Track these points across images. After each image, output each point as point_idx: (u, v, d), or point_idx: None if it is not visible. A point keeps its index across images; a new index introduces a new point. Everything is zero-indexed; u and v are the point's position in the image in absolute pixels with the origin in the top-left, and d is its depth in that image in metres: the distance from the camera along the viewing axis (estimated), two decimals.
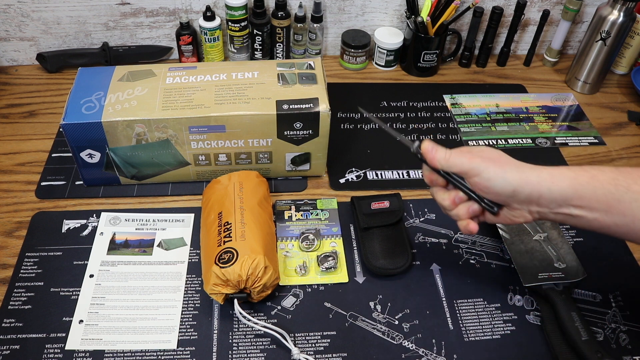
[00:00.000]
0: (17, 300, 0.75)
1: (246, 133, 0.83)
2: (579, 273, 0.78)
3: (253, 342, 0.72)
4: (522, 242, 0.82)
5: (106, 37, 1.12)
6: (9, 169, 0.92)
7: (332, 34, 1.19)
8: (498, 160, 0.62)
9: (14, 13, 1.05)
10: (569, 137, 1.06)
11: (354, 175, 0.95)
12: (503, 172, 0.60)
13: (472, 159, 0.62)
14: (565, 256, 0.80)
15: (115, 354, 0.70)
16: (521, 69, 1.23)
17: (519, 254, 0.80)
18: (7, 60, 1.13)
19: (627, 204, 0.57)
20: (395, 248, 0.81)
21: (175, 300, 0.76)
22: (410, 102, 1.11)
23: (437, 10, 1.11)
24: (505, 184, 0.60)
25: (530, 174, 0.60)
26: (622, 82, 1.21)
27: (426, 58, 1.15)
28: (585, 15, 1.21)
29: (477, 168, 0.61)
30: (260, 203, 0.80)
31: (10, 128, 1.00)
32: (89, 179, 0.88)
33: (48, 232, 0.83)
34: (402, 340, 0.73)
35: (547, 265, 0.79)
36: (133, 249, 0.81)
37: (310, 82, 0.85)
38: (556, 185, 0.59)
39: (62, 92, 1.08)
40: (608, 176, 0.58)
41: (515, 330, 0.75)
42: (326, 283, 0.79)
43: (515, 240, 0.83)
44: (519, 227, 0.84)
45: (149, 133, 0.81)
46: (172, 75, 0.86)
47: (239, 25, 1.09)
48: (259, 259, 0.71)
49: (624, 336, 0.75)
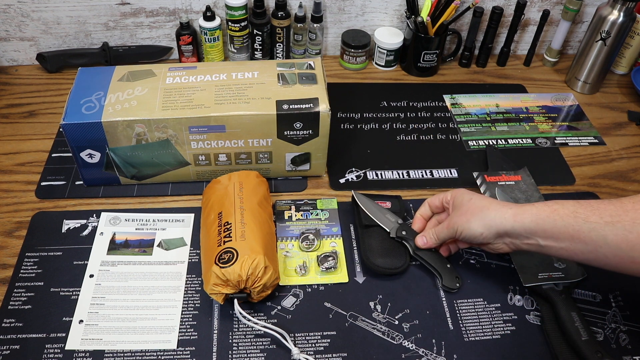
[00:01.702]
0: (17, 300, 0.75)
1: (246, 133, 0.83)
2: (578, 273, 0.78)
3: (253, 342, 0.72)
4: None
5: (106, 37, 1.12)
6: (9, 169, 0.92)
7: (332, 34, 1.19)
8: (465, 214, 0.72)
9: (14, 13, 1.05)
10: (569, 137, 1.06)
11: (354, 175, 0.95)
12: (468, 223, 0.71)
13: (448, 227, 0.75)
14: None
15: (115, 354, 0.70)
16: (521, 69, 1.23)
17: (518, 254, 0.80)
18: (7, 60, 1.13)
19: (586, 233, 0.63)
20: (395, 248, 0.81)
21: (175, 300, 0.76)
22: (410, 102, 1.11)
23: (437, 10, 1.11)
24: (472, 232, 0.71)
25: (495, 216, 0.69)
26: (622, 82, 1.21)
27: (426, 58, 1.15)
28: (585, 15, 1.21)
29: (454, 229, 0.73)
30: (260, 203, 0.80)
31: (10, 128, 1.00)
32: (89, 179, 0.88)
33: (48, 232, 0.83)
34: (402, 340, 0.73)
35: (546, 265, 0.79)
36: (133, 249, 0.81)
37: (310, 82, 0.85)
38: (518, 223, 0.67)
39: (62, 92, 1.08)
40: (568, 209, 0.65)
41: (515, 330, 0.75)
42: (326, 283, 0.79)
43: None
44: None
45: (149, 133, 0.81)
46: (172, 75, 0.86)
47: (239, 25, 1.09)
48: (259, 259, 0.71)
49: (624, 336, 0.75)
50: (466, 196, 0.74)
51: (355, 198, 0.86)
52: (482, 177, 0.91)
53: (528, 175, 0.92)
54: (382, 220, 0.83)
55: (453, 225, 0.73)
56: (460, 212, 0.73)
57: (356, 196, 0.86)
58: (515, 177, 0.91)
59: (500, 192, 0.87)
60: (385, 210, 0.85)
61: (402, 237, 0.81)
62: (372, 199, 0.86)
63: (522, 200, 0.88)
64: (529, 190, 0.89)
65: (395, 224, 0.82)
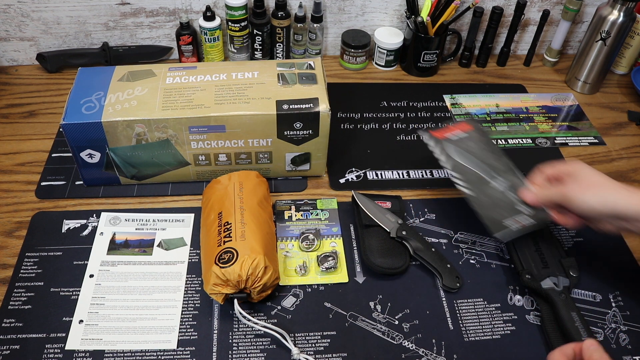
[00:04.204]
0: (17, 300, 0.75)
1: (246, 133, 0.83)
2: (546, 217, 0.77)
3: (253, 342, 0.72)
4: (483, 194, 0.80)
5: (106, 37, 1.12)
6: (9, 169, 0.92)
7: (332, 34, 1.19)
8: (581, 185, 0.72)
9: (14, 13, 1.05)
10: (569, 137, 1.06)
11: (354, 175, 0.95)
12: (583, 195, 0.71)
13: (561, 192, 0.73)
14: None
15: (115, 354, 0.70)
16: (521, 69, 1.23)
17: (483, 207, 0.79)
18: (7, 60, 1.13)
19: None
20: (395, 248, 0.81)
21: (175, 300, 0.76)
22: (410, 102, 1.11)
23: (437, 10, 1.11)
24: (585, 205, 0.71)
25: (612, 195, 0.69)
26: (622, 82, 1.21)
27: (426, 58, 1.15)
28: (585, 15, 1.21)
29: (566, 196, 0.72)
30: (260, 203, 0.80)
31: (10, 128, 1.00)
32: (89, 179, 0.88)
33: (48, 232, 0.83)
34: (402, 340, 0.73)
35: (510, 209, 0.78)
36: (133, 249, 0.81)
37: (310, 82, 0.85)
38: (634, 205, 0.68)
39: (62, 92, 1.08)
40: None
41: (515, 330, 0.75)
42: (326, 283, 0.79)
43: (479, 195, 0.80)
44: (478, 178, 0.82)
45: (149, 133, 0.81)
46: (172, 75, 0.86)
47: (239, 25, 1.09)
48: (259, 259, 0.71)
49: (624, 336, 0.75)
50: (586, 169, 0.74)
51: (355, 198, 0.86)
52: (428, 133, 0.87)
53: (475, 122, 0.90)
54: (382, 220, 0.83)
55: (566, 192, 0.73)
56: (576, 183, 0.73)
57: (356, 196, 0.86)
58: (465, 127, 0.88)
59: (453, 147, 0.85)
60: (385, 210, 0.85)
61: (402, 237, 0.81)
62: (372, 199, 0.86)
63: (476, 150, 0.85)
64: (482, 139, 0.87)
65: (395, 224, 0.82)
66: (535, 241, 0.81)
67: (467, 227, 0.87)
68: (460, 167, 0.83)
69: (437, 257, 0.80)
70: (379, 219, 0.83)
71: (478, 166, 0.83)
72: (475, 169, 0.83)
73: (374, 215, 0.83)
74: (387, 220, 0.83)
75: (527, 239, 0.81)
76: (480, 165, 0.83)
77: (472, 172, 0.83)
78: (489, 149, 0.85)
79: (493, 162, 0.84)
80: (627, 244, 0.86)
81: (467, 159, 0.84)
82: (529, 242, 0.81)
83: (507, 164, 0.84)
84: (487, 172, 0.83)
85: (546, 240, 0.82)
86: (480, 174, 0.82)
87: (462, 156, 0.84)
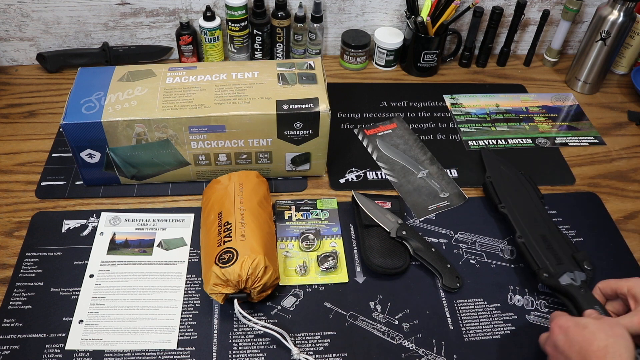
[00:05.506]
0: (17, 300, 0.75)
1: (246, 133, 0.83)
2: (461, 198, 0.89)
3: (253, 342, 0.72)
4: (409, 182, 0.91)
5: (106, 37, 1.12)
6: (9, 169, 0.92)
7: (332, 34, 1.19)
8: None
9: (14, 13, 1.05)
10: (569, 137, 1.06)
11: (354, 175, 0.95)
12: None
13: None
14: (447, 186, 0.91)
15: (115, 354, 0.70)
16: (521, 69, 1.23)
17: (408, 194, 0.88)
18: (7, 60, 1.13)
19: None
20: (395, 248, 0.81)
21: (175, 300, 0.76)
22: (410, 102, 1.11)
23: (437, 10, 1.11)
24: None
25: None
26: (622, 82, 1.21)
27: (426, 58, 1.15)
28: (585, 15, 1.21)
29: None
30: (260, 203, 0.80)
31: (10, 128, 1.00)
32: (89, 179, 0.88)
33: (48, 232, 0.83)
34: (402, 340, 0.73)
35: (434, 197, 0.89)
36: (133, 249, 0.81)
37: (310, 82, 0.85)
38: None
39: (62, 92, 1.08)
40: None
41: (515, 330, 0.75)
42: (326, 283, 0.79)
43: (403, 182, 0.91)
44: (404, 169, 0.94)
45: (149, 133, 0.81)
46: (172, 75, 0.86)
47: (239, 25, 1.09)
48: (259, 259, 0.71)
49: None
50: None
51: (355, 198, 0.86)
52: (363, 131, 1.00)
53: (402, 121, 1.01)
54: (382, 220, 0.83)
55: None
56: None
57: (356, 196, 0.86)
58: (391, 126, 1.02)
59: (381, 142, 0.97)
60: (385, 210, 0.85)
61: (402, 237, 0.81)
62: (372, 199, 0.86)
63: (401, 145, 0.98)
64: (405, 135, 0.98)
65: (395, 224, 0.82)
66: (545, 238, 0.81)
67: (467, 227, 0.87)
68: (384, 157, 0.97)
69: (437, 257, 0.80)
70: (379, 219, 0.83)
71: (402, 157, 0.96)
72: (399, 160, 0.95)
73: (374, 215, 0.83)
74: (387, 220, 0.83)
75: (537, 236, 0.81)
76: (404, 157, 0.96)
77: (397, 162, 0.95)
78: (416, 145, 0.97)
79: (419, 156, 0.95)
80: (627, 244, 0.86)
81: (392, 152, 0.97)
82: (538, 240, 0.81)
83: (432, 158, 0.96)
84: (412, 163, 0.93)
85: (554, 235, 0.81)
86: (405, 164, 0.93)
87: (388, 149, 0.97)
